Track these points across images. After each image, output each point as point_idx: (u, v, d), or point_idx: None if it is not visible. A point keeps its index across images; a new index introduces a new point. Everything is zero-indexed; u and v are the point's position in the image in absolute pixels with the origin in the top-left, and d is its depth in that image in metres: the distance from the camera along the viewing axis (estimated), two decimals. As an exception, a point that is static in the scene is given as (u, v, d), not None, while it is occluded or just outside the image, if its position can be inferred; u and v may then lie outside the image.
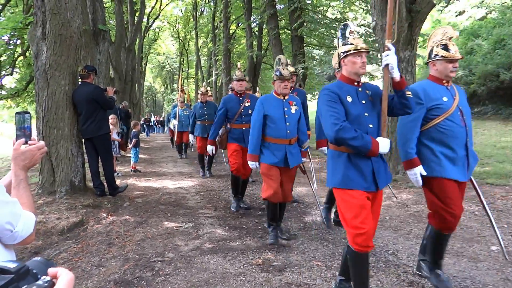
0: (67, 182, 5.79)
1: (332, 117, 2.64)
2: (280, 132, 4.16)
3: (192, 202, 6.39)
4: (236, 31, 23.94)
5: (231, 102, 5.63)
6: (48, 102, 5.70)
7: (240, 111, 5.55)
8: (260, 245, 4.25)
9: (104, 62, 11.33)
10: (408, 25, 7.09)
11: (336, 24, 14.01)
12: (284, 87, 4.17)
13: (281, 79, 4.15)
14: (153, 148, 17.05)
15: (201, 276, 3.49)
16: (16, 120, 1.57)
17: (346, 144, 2.63)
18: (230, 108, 5.58)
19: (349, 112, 2.71)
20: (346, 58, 2.80)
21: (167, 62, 49.03)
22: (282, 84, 4.16)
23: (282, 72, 4.17)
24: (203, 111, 8.69)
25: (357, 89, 2.82)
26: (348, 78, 2.84)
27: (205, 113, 8.63)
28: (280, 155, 4.13)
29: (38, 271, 0.74)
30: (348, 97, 2.75)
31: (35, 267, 0.75)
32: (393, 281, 3.33)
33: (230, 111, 5.58)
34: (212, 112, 8.38)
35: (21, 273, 0.71)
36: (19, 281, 0.69)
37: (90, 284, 3.40)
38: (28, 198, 1.52)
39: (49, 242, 4.50)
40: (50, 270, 0.74)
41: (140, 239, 4.52)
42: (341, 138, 2.58)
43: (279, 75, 4.16)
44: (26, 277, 0.71)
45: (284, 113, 4.17)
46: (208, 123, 8.35)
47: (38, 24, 5.75)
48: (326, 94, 2.75)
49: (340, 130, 2.57)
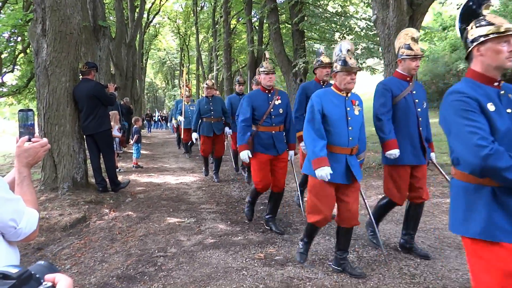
0: (69, 179, 5.80)
1: (475, 135, 1.80)
2: (341, 138, 3.23)
3: (194, 197, 6.41)
4: (237, 26, 23.88)
5: (258, 99, 4.54)
6: (49, 99, 5.71)
7: (269, 110, 4.47)
8: (262, 240, 4.26)
9: (105, 59, 11.32)
10: (409, 18, 7.06)
11: (337, 18, 13.96)
12: (350, 81, 3.21)
13: (347, 70, 3.20)
14: (155, 144, 17.07)
15: (203, 271, 3.50)
16: (19, 117, 1.58)
17: (497, 176, 1.76)
18: (257, 107, 4.48)
19: (494, 126, 1.87)
20: (484, 45, 1.94)
21: (168, 58, 48.99)
22: (348, 78, 3.20)
23: (348, 61, 3.22)
24: (208, 106, 7.60)
25: (498, 92, 1.98)
26: (483, 75, 1.99)
27: (211, 109, 7.58)
28: (339, 168, 3.23)
29: (41, 276, 0.74)
30: (490, 105, 1.90)
31: (38, 272, 0.74)
32: (395, 274, 3.34)
33: (257, 111, 4.48)
34: (219, 108, 7.60)
35: (23, 278, 0.70)
36: (21, 286, 0.69)
37: (93, 280, 3.42)
38: (31, 195, 1.53)
39: (52, 238, 4.52)
40: (47, 276, 0.74)
41: (143, 235, 4.54)
42: (492, 168, 1.73)
43: (344, 65, 3.20)
44: (28, 282, 0.71)
45: (346, 114, 3.25)
46: (214, 120, 7.55)
47: (38, 21, 5.74)
48: (459, 100, 1.90)
49: (490, 156, 1.73)
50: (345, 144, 3.24)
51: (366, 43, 13.21)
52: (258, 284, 3.22)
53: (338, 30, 14.15)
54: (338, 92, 3.30)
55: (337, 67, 3.24)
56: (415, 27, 7.21)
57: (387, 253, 3.77)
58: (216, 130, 7.54)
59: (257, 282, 3.25)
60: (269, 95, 4.54)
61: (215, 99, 7.75)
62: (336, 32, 14.29)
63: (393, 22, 6.84)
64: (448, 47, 19.26)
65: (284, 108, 4.51)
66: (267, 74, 4.47)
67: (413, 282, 3.17)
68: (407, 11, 6.97)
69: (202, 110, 7.64)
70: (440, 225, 4.56)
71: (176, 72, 48.83)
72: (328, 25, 14.34)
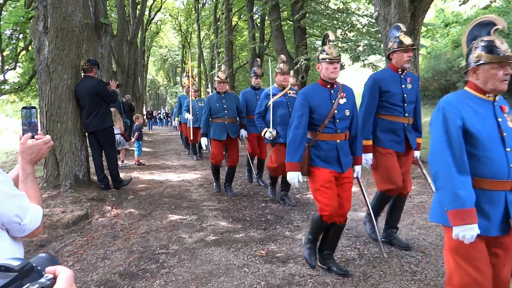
0: (71, 176, 5.82)
1: None
2: (498, 167, 2.06)
3: (195, 194, 6.42)
4: (238, 23, 23.83)
5: (318, 97, 3.31)
6: (51, 96, 5.72)
7: (332, 112, 3.27)
8: (264, 237, 4.28)
9: (106, 56, 11.33)
10: (411, 14, 7.02)
11: (339, 15, 13.92)
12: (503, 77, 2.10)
13: (500, 62, 2.07)
14: (156, 141, 17.09)
15: (205, 268, 3.52)
16: (22, 114, 1.59)
17: None
18: (317, 106, 3.27)
19: None
20: None
21: (170, 55, 48.95)
22: (501, 72, 2.08)
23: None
24: (221, 105, 6.12)
25: None
26: None
27: (224, 108, 6.12)
28: (497, 215, 2.07)
29: (42, 268, 0.75)
30: None
31: (39, 264, 0.75)
32: (396, 271, 3.34)
33: (315, 113, 3.28)
34: (233, 106, 6.19)
35: (24, 270, 0.71)
36: (23, 279, 0.70)
37: (96, 276, 3.44)
38: (35, 192, 1.54)
39: (54, 235, 4.54)
40: (48, 269, 0.74)
41: (145, 232, 4.56)
42: None
43: (492, 53, 2.09)
44: (30, 274, 0.72)
45: (500, 128, 2.10)
46: (228, 121, 6.11)
47: (40, 18, 5.75)
48: None
49: None
50: (504, 175, 2.07)
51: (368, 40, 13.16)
52: (259, 281, 3.23)
53: (340, 27, 14.09)
54: (482, 95, 2.17)
55: (482, 56, 2.10)
56: (417, 24, 7.19)
57: (388, 251, 3.78)
58: (231, 133, 6.09)
59: (259, 279, 3.27)
60: (332, 91, 3.35)
61: (229, 96, 6.31)
62: (338, 29, 14.23)
63: (395, 19, 6.81)
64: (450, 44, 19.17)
65: (350, 109, 3.36)
66: (330, 63, 3.23)
67: (414, 279, 3.18)
68: (408, 8, 6.93)
69: (213, 108, 6.14)
70: (442, 222, 4.55)
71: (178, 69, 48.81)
72: (330, 22, 14.28)
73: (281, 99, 5.43)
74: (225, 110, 6.12)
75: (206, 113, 6.15)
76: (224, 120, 6.09)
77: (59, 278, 0.72)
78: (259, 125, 5.57)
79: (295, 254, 3.75)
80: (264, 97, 5.61)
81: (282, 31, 14.05)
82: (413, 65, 7.12)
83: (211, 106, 6.13)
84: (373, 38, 13.12)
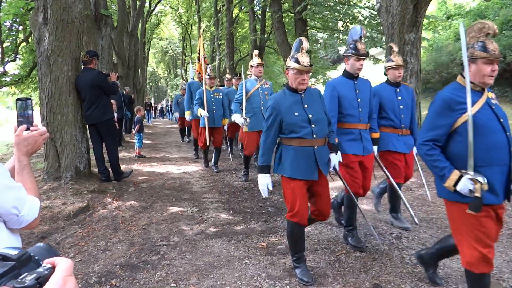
0: (72, 168, 5.82)
1: None
2: None
3: (196, 187, 6.42)
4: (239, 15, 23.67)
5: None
6: (51, 88, 5.70)
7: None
8: (264, 229, 4.28)
9: (107, 48, 11.26)
10: (413, 6, 6.97)
11: (340, 7, 13.83)
12: None
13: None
14: (157, 134, 17.09)
15: (206, 260, 3.52)
16: (17, 106, 1.57)
17: None
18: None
19: None
20: None
21: (170, 47, 48.72)
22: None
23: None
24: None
25: None
26: None
27: None
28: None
29: (40, 258, 0.74)
30: None
31: (37, 254, 0.75)
32: (396, 263, 3.35)
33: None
34: None
35: (22, 260, 0.71)
36: (20, 268, 0.69)
37: (97, 268, 3.45)
38: (32, 183, 1.53)
39: (55, 227, 4.55)
40: (46, 260, 0.74)
41: (145, 224, 4.57)
42: None
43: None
44: (27, 264, 0.71)
45: None
46: None
47: (40, 9, 5.71)
48: None
49: None
50: None
51: (370, 32, 13.09)
52: (260, 272, 3.24)
53: (341, 19, 14.01)
54: None
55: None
56: (419, 16, 7.14)
57: (389, 243, 3.79)
58: None
59: (260, 271, 3.27)
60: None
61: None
62: (340, 20, 14.15)
63: (397, 11, 6.77)
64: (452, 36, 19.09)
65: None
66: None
67: (414, 272, 3.19)
68: (411, 0, 6.89)
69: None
70: (442, 215, 4.57)
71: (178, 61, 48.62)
72: (331, 14, 14.19)
73: None
74: None
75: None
76: None
77: (58, 267, 0.72)
78: None
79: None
80: None
81: (283, 23, 13.96)
82: (415, 58, 7.08)
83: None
84: (374, 30, 13.05)
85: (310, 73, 3.09)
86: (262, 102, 6.30)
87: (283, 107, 3.01)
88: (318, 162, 3.01)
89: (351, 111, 3.59)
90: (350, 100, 3.59)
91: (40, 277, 0.68)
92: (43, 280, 0.68)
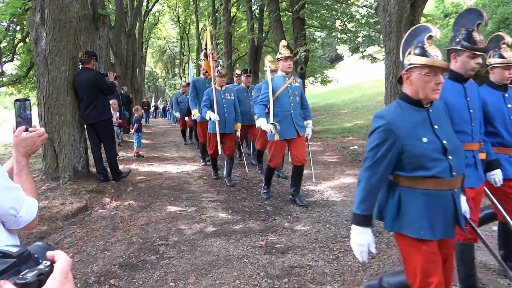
0: (71, 168, 5.82)
1: None
2: None
3: (195, 186, 6.43)
4: (237, 14, 23.66)
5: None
6: (49, 88, 5.69)
7: None
8: (263, 228, 4.29)
9: (104, 47, 11.26)
10: (411, 5, 6.98)
11: (338, 6, 13.83)
12: None
13: None
14: (155, 133, 17.07)
15: (204, 259, 3.53)
16: (16, 107, 1.57)
17: None
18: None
19: None
20: None
21: (168, 47, 48.74)
22: None
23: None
24: None
25: None
26: None
27: None
28: None
29: (39, 256, 0.76)
30: None
31: (36, 252, 0.76)
32: (394, 261, 3.36)
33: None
34: None
35: (23, 257, 0.72)
36: (20, 265, 0.71)
37: (96, 268, 3.45)
38: (30, 184, 1.53)
39: (54, 227, 4.55)
40: (48, 253, 0.75)
41: (144, 223, 4.57)
42: None
43: None
44: (27, 261, 0.73)
45: None
46: None
47: (37, 9, 5.70)
48: None
49: None
50: None
51: (367, 30, 13.09)
52: (259, 271, 3.24)
53: (339, 18, 14.01)
54: None
55: None
56: (417, 14, 7.13)
57: (387, 241, 3.80)
58: None
59: (258, 270, 3.28)
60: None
61: None
62: (337, 19, 14.14)
63: (395, 9, 6.77)
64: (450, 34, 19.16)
65: None
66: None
67: (412, 270, 3.19)
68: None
69: None
70: None
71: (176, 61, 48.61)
72: (329, 13, 14.20)
73: None
74: None
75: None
76: None
77: (57, 264, 0.73)
78: None
79: (294, 245, 3.77)
80: None
81: (281, 22, 13.95)
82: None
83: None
84: (372, 29, 13.05)
85: None
86: (292, 104, 5.07)
87: (402, 129, 1.95)
88: (458, 212, 2.02)
89: (463, 126, 2.61)
90: (460, 112, 2.62)
91: (41, 274, 0.69)
92: (44, 277, 0.69)
